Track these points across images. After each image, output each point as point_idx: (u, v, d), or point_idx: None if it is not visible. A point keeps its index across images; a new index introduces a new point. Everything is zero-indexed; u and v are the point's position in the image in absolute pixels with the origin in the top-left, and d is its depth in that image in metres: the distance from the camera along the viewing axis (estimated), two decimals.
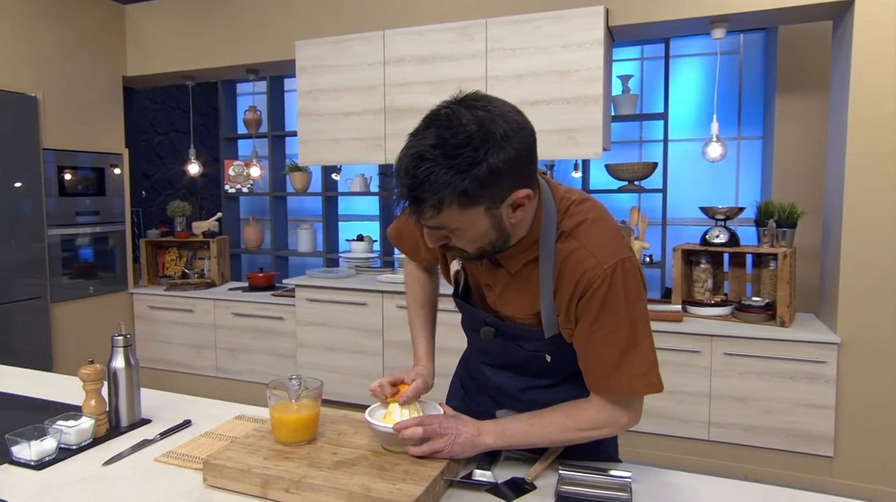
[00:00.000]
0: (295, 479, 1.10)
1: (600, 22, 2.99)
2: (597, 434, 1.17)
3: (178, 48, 4.03)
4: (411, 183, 0.94)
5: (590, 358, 1.12)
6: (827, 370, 2.81)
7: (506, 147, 0.94)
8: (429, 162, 0.93)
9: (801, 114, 3.75)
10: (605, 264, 1.07)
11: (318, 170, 4.64)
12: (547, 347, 1.20)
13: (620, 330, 1.08)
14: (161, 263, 4.33)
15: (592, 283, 1.07)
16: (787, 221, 3.10)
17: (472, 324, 1.32)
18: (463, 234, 1.03)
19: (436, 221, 1.00)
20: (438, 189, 0.93)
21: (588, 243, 1.09)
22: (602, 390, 1.14)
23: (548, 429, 1.17)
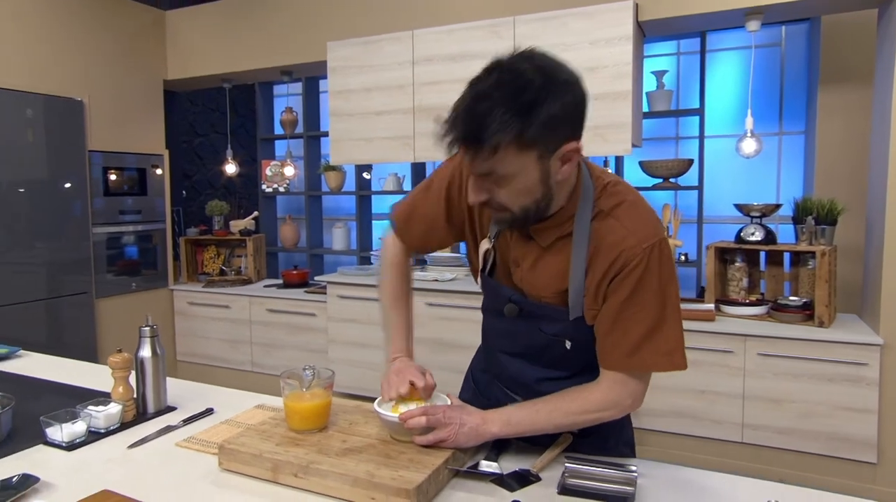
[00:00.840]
0: (303, 464, 1.14)
1: (629, 17, 2.96)
2: (600, 416, 1.17)
3: (216, 51, 4.16)
4: (470, 121, 0.95)
5: (614, 335, 1.11)
6: (869, 372, 2.70)
7: (566, 94, 0.98)
8: (489, 101, 0.94)
9: (844, 107, 3.61)
10: (644, 244, 1.08)
11: (352, 170, 4.71)
12: (569, 331, 1.19)
13: (651, 308, 1.09)
14: (200, 261, 4.47)
15: (630, 262, 1.07)
16: (826, 218, 3.00)
17: (495, 303, 1.30)
18: (511, 185, 1.02)
19: (489, 165, 0.99)
20: (498, 128, 0.94)
21: (628, 223, 1.10)
22: (622, 367, 1.13)
23: (553, 414, 1.17)
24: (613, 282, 1.10)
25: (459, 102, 0.99)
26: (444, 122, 1.00)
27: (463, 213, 1.29)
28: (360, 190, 4.67)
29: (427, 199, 1.33)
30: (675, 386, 3.00)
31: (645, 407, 3.05)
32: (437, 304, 3.39)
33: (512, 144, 0.96)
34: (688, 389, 2.99)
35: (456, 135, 0.98)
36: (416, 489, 1.04)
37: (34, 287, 3.50)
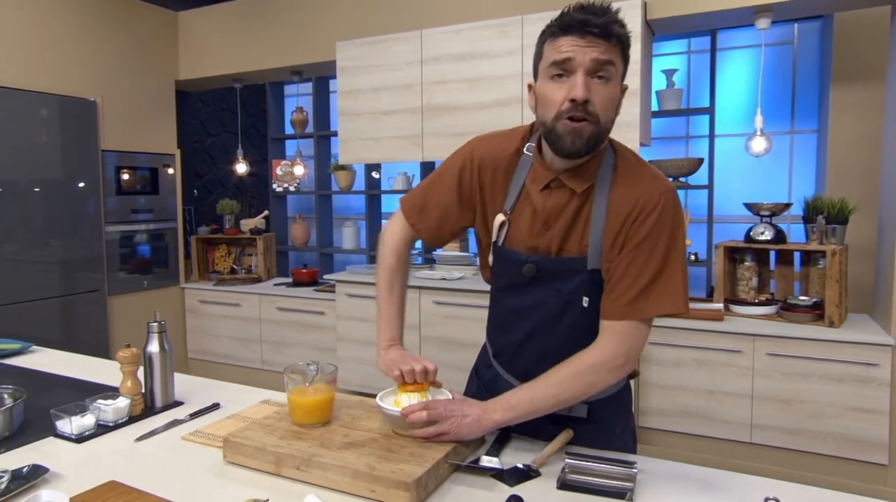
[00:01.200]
0: (305, 457, 1.15)
1: (637, 16, 2.95)
2: (594, 380, 1.18)
3: (226, 52, 4.20)
4: (611, 17, 1.12)
5: (623, 282, 1.17)
6: (880, 373, 2.68)
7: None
8: (616, 16, 1.14)
9: (856, 105, 3.58)
10: (660, 190, 1.18)
11: (362, 169, 4.73)
12: (585, 285, 1.22)
13: (659, 254, 1.16)
14: (211, 259, 4.51)
15: (647, 206, 1.16)
16: (836, 218, 2.97)
17: (510, 271, 1.30)
18: (609, 86, 1.13)
19: (609, 54, 1.11)
20: (621, 34, 1.13)
21: (644, 173, 1.21)
22: (625, 315, 1.17)
23: (549, 387, 1.18)
24: (633, 226, 1.17)
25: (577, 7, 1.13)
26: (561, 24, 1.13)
27: (475, 195, 1.34)
28: (370, 189, 4.69)
29: (440, 188, 1.37)
30: (684, 386, 2.99)
31: (653, 407, 3.04)
32: (445, 303, 3.40)
33: (619, 49, 1.14)
34: (696, 389, 2.98)
35: (597, 21, 1.10)
36: (415, 482, 1.05)
37: (48, 284, 3.56)
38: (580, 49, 1.10)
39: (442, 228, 1.39)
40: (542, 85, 1.18)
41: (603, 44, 1.10)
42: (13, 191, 3.39)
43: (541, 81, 1.19)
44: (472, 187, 1.34)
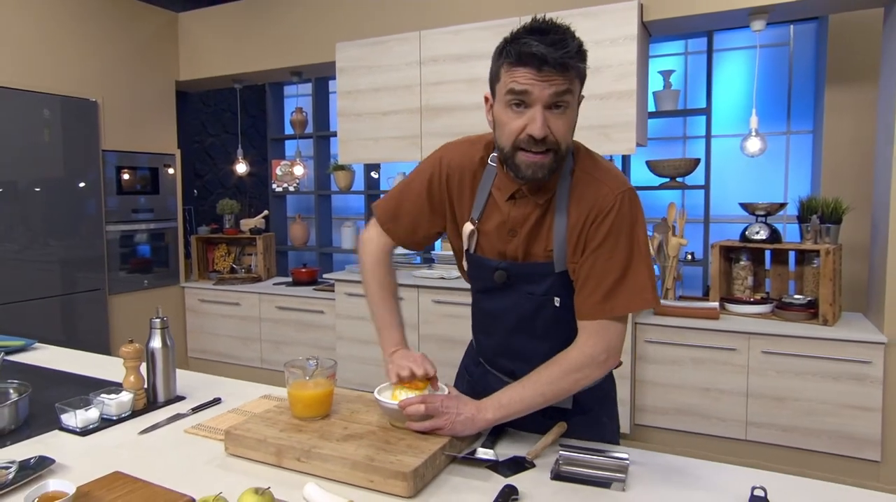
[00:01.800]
0: (305, 449, 1.18)
1: (634, 17, 2.98)
2: (581, 377, 1.22)
3: (227, 53, 4.23)
4: (570, 49, 1.09)
5: (591, 281, 1.20)
6: (873, 370, 2.71)
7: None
8: (573, 37, 1.11)
9: (850, 106, 3.61)
10: (616, 191, 1.20)
11: (361, 169, 4.76)
12: (555, 287, 1.26)
13: (623, 251, 1.19)
14: (211, 259, 4.54)
15: (605, 208, 1.19)
16: (831, 217, 3.01)
17: (483, 276, 1.34)
18: (568, 114, 1.14)
19: (567, 83, 1.11)
20: (577, 59, 1.11)
21: (599, 175, 1.23)
22: (598, 313, 1.20)
23: (538, 385, 1.22)
24: (592, 228, 1.20)
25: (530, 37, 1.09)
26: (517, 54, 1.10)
27: (444, 203, 1.36)
28: (369, 189, 4.72)
29: (410, 195, 1.39)
30: (680, 384, 3.02)
31: (649, 404, 3.07)
32: (443, 302, 3.42)
33: (580, 73, 1.14)
34: (692, 387, 3.01)
35: (554, 55, 1.07)
36: (412, 472, 1.08)
37: (49, 283, 3.58)
38: (538, 84, 1.09)
39: (416, 233, 1.42)
40: (499, 109, 1.18)
41: (560, 77, 1.09)
42: (14, 191, 3.42)
43: (498, 105, 1.18)
44: (441, 194, 1.35)
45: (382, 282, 1.45)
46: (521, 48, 1.09)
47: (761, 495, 1.02)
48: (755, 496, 1.03)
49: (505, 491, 1.08)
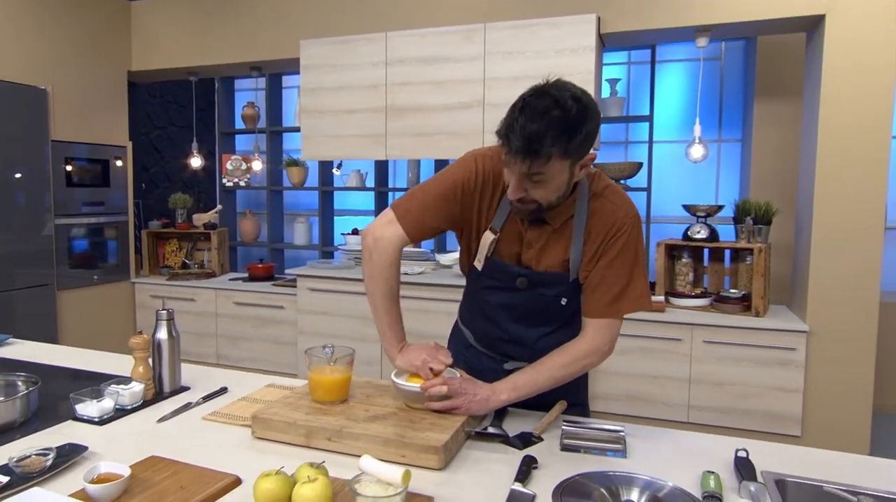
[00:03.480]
0: (336, 429, 1.27)
1: (592, 29, 3.18)
2: (586, 363, 1.41)
3: (183, 44, 4.15)
4: (532, 139, 1.19)
5: (602, 286, 1.40)
6: (797, 356, 3.03)
7: (594, 118, 1.25)
8: (545, 122, 1.19)
9: (776, 118, 3.97)
10: (630, 215, 1.41)
11: (315, 166, 4.77)
12: (566, 291, 1.44)
13: (630, 264, 1.40)
14: (161, 254, 4.43)
15: (620, 228, 1.39)
16: (762, 219, 3.32)
17: (502, 279, 1.47)
18: (548, 184, 1.28)
19: (537, 168, 1.23)
20: (551, 143, 1.20)
21: (616, 200, 1.42)
22: (606, 314, 1.40)
23: (551, 370, 1.39)
24: (608, 243, 1.39)
25: (517, 121, 1.20)
26: (503, 134, 1.23)
27: (472, 213, 1.46)
28: (323, 186, 4.74)
29: (438, 194, 1.45)
30: (630, 372, 3.25)
31: (601, 392, 3.29)
32: (408, 297, 3.52)
33: (555, 157, 1.22)
34: (641, 375, 3.24)
35: (519, 147, 1.20)
36: (443, 446, 1.19)
37: None
38: (513, 162, 1.25)
39: (434, 231, 1.50)
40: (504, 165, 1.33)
41: (529, 161, 1.22)
42: None
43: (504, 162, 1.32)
44: (471, 197, 1.44)
45: (391, 284, 1.48)
46: (505, 131, 1.23)
47: (744, 456, 1.20)
48: (739, 456, 1.20)
49: (526, 460, 1.21)
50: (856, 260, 2.97)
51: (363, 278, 1.51)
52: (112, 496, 1.04)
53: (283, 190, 4.97)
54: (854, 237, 2.96)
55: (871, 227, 2.95)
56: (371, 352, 3.65)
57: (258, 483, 1.01)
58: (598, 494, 1.10)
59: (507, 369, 1.54)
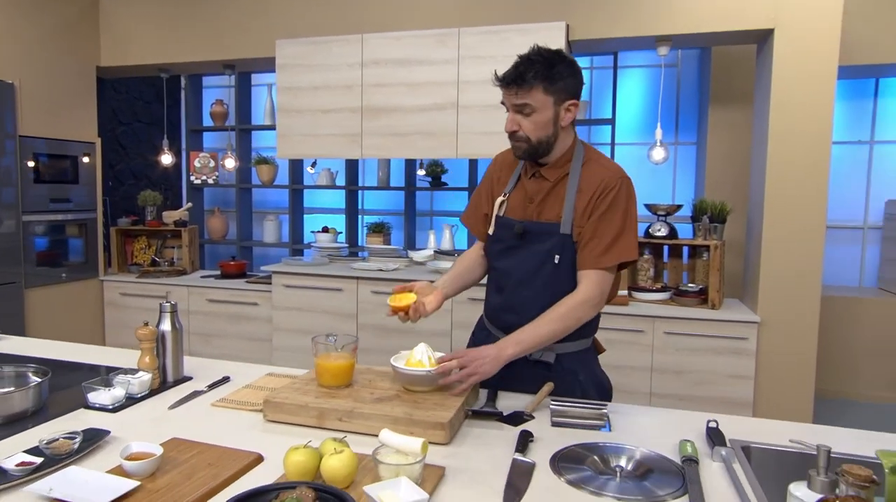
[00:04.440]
0: (347, 410, 1.37)
1: (562, 36, 3.34)
2: (581, 314, 1.55)
3: (154, 41, 4.12)
4: (520, 67, 1.50)
5: (593, 241, 1.56)
6: (748, 345, 3.25)
7: (571, 64, 1.55)
8: (535, 62, 1.50)
9: (729, 124, 4.23)
10: (619, 175, 1.60)
11: (285, 164, 4.80)
12: (556, 247, 1.60)
13: (618, 219, 1.57)
14: (129, 252, 4.40)
15: (609, 185, 1.57)
16: (717, 217, 3.55)
17: (506, 237, 1.68)
18: (534, 117, 1.53)
19: (524, 98, 1.51)
20: (534, 76, 1.49)
21: (606, 163, 1.64)
22: (597, 264, 1.56)
23: (550, 323, 1.53)
24: (598, 200, 1.57)
25: (517, 61, 1.53)
26: (499, 76, 1.54)
27: (492, 190, 1.78)
28: (293, 184, 4.77)
29: (481, 195, 1.81)
30: None
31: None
32: (383, 292, 3.62)
33: (540, 87, 1.50)
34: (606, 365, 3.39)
35: (508, 75, 1.52)
36: (448, 422, 1.31)
37: None
38: (506, 96, 1.56)
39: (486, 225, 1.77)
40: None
41: (517, 92, 1.52)
42: None
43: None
44: (493, 182, 1.77)
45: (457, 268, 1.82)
46: (502, 73, 1.55)
47: (714, 426, 1.36)
48: (710, 427, 1.36)
49: (523, 434, 1.34)
50: (801, 256, 3.21)
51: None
52: (148, 472, 1.12)
53: (253, 187, 4.98)
54: (800, 236, 3.21)
55: (815, 227, 3.20)
56: None
57: (289, 455, 1.10)
58: (591, 461, 1.24)
59: None
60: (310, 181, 4.85)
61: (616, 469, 1.22)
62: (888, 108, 4.55)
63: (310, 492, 0.96)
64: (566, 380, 1.63)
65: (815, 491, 0.84)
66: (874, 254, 4.67)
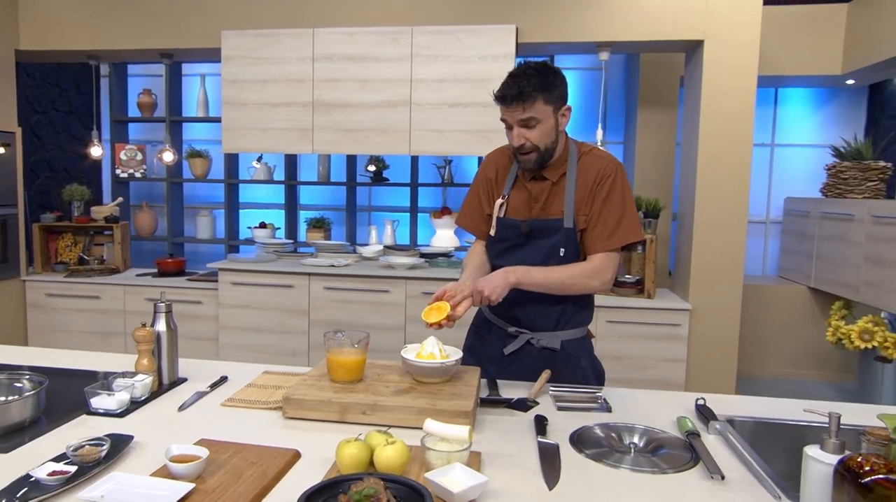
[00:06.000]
0: (370, 403, 1.41)
1: (512, 39, 3.47)
2: (589, 282, 1.69)
3: (83, 26, 3.86)
4: (519, 82, 1.60)
5: (599, 226, 1.70)
6: (681, 331, 3.54)
7: (560, 74, 1.67)
8: (528, 73, 1.61)
9: (655, 125, 4.52)
10: (614, 164, 1.73)
11: (220, 158, 4.65)
12: (561, 240, 1.71)
13: (618, 204, 1.71)
14: (53, 250, 4.11)
15: (606, 173, 1.71)
16: (652, 213, 3.82)
17: (510, 235, 1.77)
18: (540, 127, 1.63)
19: (529, 112, 1.61)
20: (533, 90, 1.60)
21: (600, 154, 1.77)
22: (605, 247, 1.69)
23: (561, 275, 1.67)
24: (597, 188, 1.71)
25: (506, 84, 1.64)
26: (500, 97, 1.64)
27: (489, 192, 1.86)
28: (229, 178, 4.63)
29: (473, 196, 1.90)
30: None
31: None
32: (335, 288, 3.61)
33: (540, 99, 1.61)
34: None
35: (513, 95, 1.61)
36: (471, 411, 1.39)
37: None
38: (509, 114, 1.66)
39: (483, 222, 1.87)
40: (505, 131, 1.73)
41: (520, 107, 1.62)
42: None
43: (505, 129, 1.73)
44: (487, 182, 1.86)
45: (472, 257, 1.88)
46: (498, 92, 1.66)
47: (702, 403, 1.52)
48: (699, 405, 1.52)
49: (538, 418, 1.44)
50: (727, 249, 3.53)
51: None
52: (196, 473, 1.12)
53: (185, 181, 4.78)
54: (725, 230, 3.52)
55: (738, 222, 3.52)
56: (297, 344, 3.70)
57: (341, 449, 1.14)
58: (607, 439, 1.36)
59: (511, 332, 1.78)
60: (246, 176, 4.73)
61: (630, 445, 1.34)
62: (786, 114, 5.05)
63: (379, 482, 1.01)
64: (570, 366, 1.75)
65: (827, 452, 0.99)
66: (775, 246, 5.17)
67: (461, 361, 1.60)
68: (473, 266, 1.82)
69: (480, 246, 1.90)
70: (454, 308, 1.59)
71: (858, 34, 4.03)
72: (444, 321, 1.58)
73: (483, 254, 1.87)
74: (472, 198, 1.90)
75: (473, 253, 1.90)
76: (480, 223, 1.88)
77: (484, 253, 1.88)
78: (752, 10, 3.39)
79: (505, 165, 1.83)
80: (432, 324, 1.58)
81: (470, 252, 1.92)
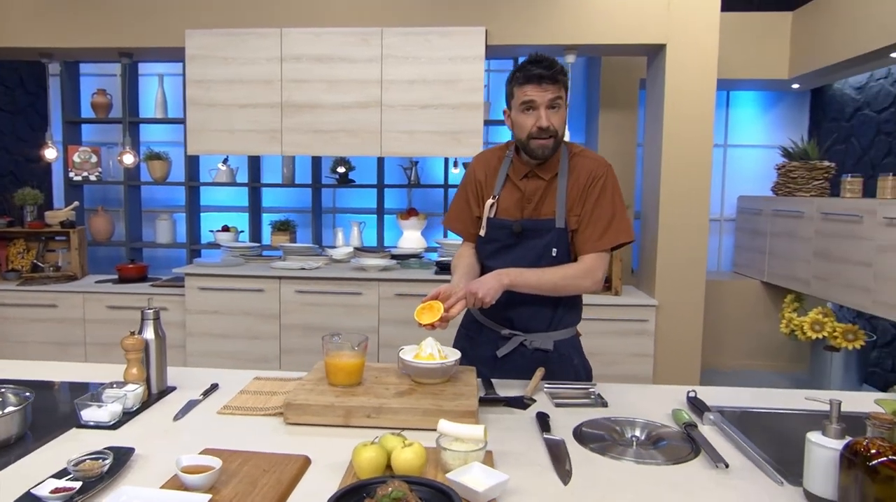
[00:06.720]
0: (375, 406, 1.41)
1: (481, 40, 3.50)
2: (580, 282, 1.71)
3: (35, 22, 3.68)
4: (557, 69, 1.64)
5: (590, 225, 1.73)
6: (648, 327, 3.64)
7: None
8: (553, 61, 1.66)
9: (617, 126, 4.64)
10: (604, 165, 1.77)
11: (180, 160, 4.52)
12: (553, 240, 1.73)
13: (610, 204, 1.74)
14: (4, 256, 3.91)
15: (597, 174, 1.74)
16: None
17: (501, 236, 1.78)
18: (562, 110, 1.67)
19: (559, 92, 1.65)
20: (562, 72, 1.66)
21: (591, 155, 1.80)
22: (596, 248, 1.72)
23: (554, 277, 1.69)
24: (589, 189, 1.73)
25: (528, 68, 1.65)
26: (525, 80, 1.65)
27: (478, 193, 1.86)
28: (190, 181, 4.51)
29: (461, 199, 1.91)
30: None
31: None
32: (306, 291, 3.56)
33: (562, 82, 1.67)
34: None
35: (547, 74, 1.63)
36: (475, 410, 1.40)
37: None
38: (539, 94, 1.65)
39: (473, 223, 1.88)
40: (515, 115, 1.73)
41: (552, 87, 1.65)
42: None
43: (514, 112, 1.73)
44: (476, 184, 1.87)
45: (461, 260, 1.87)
46: (526, 72, 1.66)
47: (693, 395, 1.57)
48: (690, 397, 1.57)
49: (540, 415, 1.46)
50: (690, 246, 3.65)
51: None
52: (210, 484, 1.09)
53: (143, 185, 4.63)
54: (688, 228, 3.64)
55: (700, 220, 3.64)
56: (267, 350, 3.63)
57: (358, 453, 1.13)
58: (609, 433, 1.39)
59: (504, 335, 1.79)
60: (207, 178, 4.61)
61: (632, 438, 1.38)
62: (738, 116, 5.26)
63: (405, 485, 1.01)
64: (563, 365, 1.79)
65: (829, 437, 1.05)
66: (729, 243, 5.37)
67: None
68: (463, 268, 1.82)
69: (469, 248, 1.90)
70: (448, 309, 1.59)
71: (803, 41, 4.23)
72: (438, 322, 1.59)
73: (472, 257, 1.88)
74: (460, 201, 1.90)
75: (462, 255, 1.90)
76: (469, 225, 1.89)
77: (473, 255, 1.89)
78: (712, 15, 3.52)
79: (494, 166, 1.84)
80: (425, 325, 1.59)
81: (458, 254, 1.92)
